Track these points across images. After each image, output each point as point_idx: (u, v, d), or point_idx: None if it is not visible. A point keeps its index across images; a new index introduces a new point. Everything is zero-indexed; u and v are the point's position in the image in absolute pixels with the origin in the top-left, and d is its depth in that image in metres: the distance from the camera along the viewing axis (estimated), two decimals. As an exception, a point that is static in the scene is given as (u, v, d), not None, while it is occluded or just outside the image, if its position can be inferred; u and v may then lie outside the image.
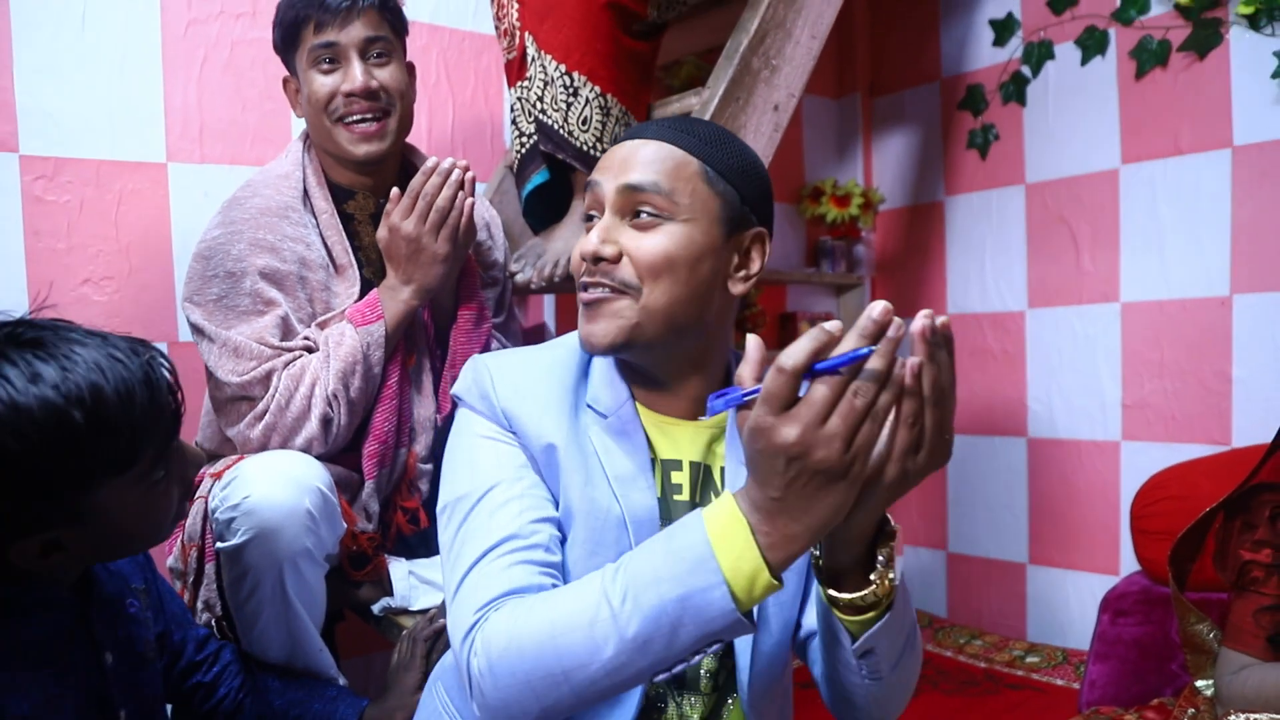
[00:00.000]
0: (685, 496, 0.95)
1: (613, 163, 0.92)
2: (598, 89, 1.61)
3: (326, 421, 1.33)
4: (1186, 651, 1.50)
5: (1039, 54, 2.42)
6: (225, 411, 1.36)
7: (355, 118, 1.41)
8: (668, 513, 0.94)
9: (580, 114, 1.61)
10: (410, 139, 1.92)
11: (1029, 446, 2.48)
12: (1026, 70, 2.45)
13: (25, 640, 0.88)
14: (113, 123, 1.78)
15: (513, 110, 1.71)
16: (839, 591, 0.79)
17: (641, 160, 0.90)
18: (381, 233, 1.38)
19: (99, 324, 1.75)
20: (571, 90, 1.60)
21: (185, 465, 0.94)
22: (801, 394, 0.65)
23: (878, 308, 0.64)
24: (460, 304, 1.47)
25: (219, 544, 1.18)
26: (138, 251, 1.80)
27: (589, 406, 0.94)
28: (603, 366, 0.96)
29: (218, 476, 1.25)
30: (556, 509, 0.91)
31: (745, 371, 0.70)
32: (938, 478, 2.70)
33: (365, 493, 1.40)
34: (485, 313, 1.49)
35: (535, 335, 1.87)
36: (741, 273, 0.93)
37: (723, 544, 0.68)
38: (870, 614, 0.79)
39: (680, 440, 0.96)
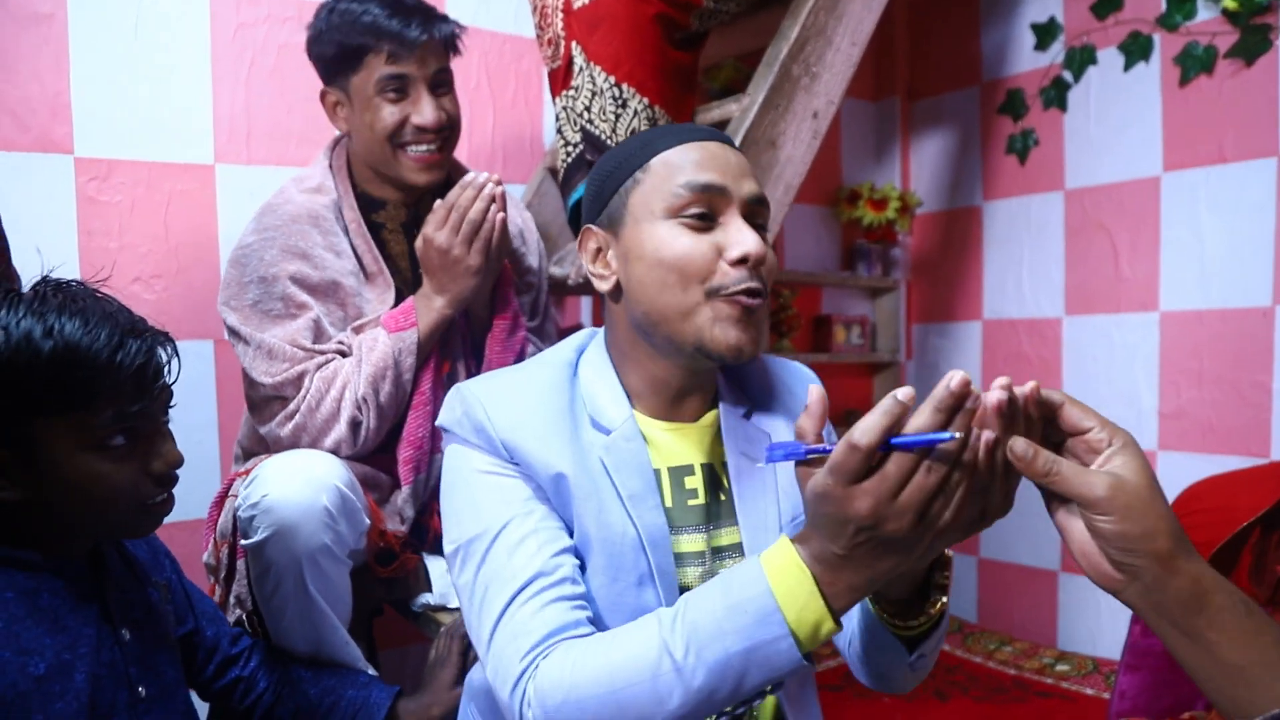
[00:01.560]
0: (701, 500, 0.95)
1: (726, 165, 0.91)
2: (646, 100, 1.63)
3: (355, 424, 1.36)
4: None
5: (1081, 59, 2.40)
6: (259, 410, 1.40)
7: (422, 148, 1.44)
8: (677, 521, 0.94)
9: (629, 125, 1.63)
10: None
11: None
12: (1068, 75, 2.43)
13: (40, 606, 0.91)
14: (163, 125, 1.82)
15: (558, 119, 1.73)
16: (896, 619, 0.82)
17: (747, 170, 0.92)
18: (418, 244, 1.41)
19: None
20: (620, 102, 1.62)
21: (154, 453, 0.94)
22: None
23: (956, 378, 0.62)
24: (495, 313, 1.49)
25: (243, 541, 1.22)
26: (186, 251, 1.85)
27: (593, 424, 0.93)
28: (600, 379, 0.96)
29: (245, 475, 1.29)
30: (571, 537, 0.89)
31: (806, 425, 0.71)
32: (970, 483, 2.69)
33: (401, 498, 1.43)
34: (520, 321, 1.52)
35: (572, 336, 1.89)
36: None
37: (787, 597, 0.69)
38: (924, 628, 0.82)
39: (689, 443, 0.96)
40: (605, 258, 0.96)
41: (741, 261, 0.88)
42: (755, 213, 0.91)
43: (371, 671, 1.35)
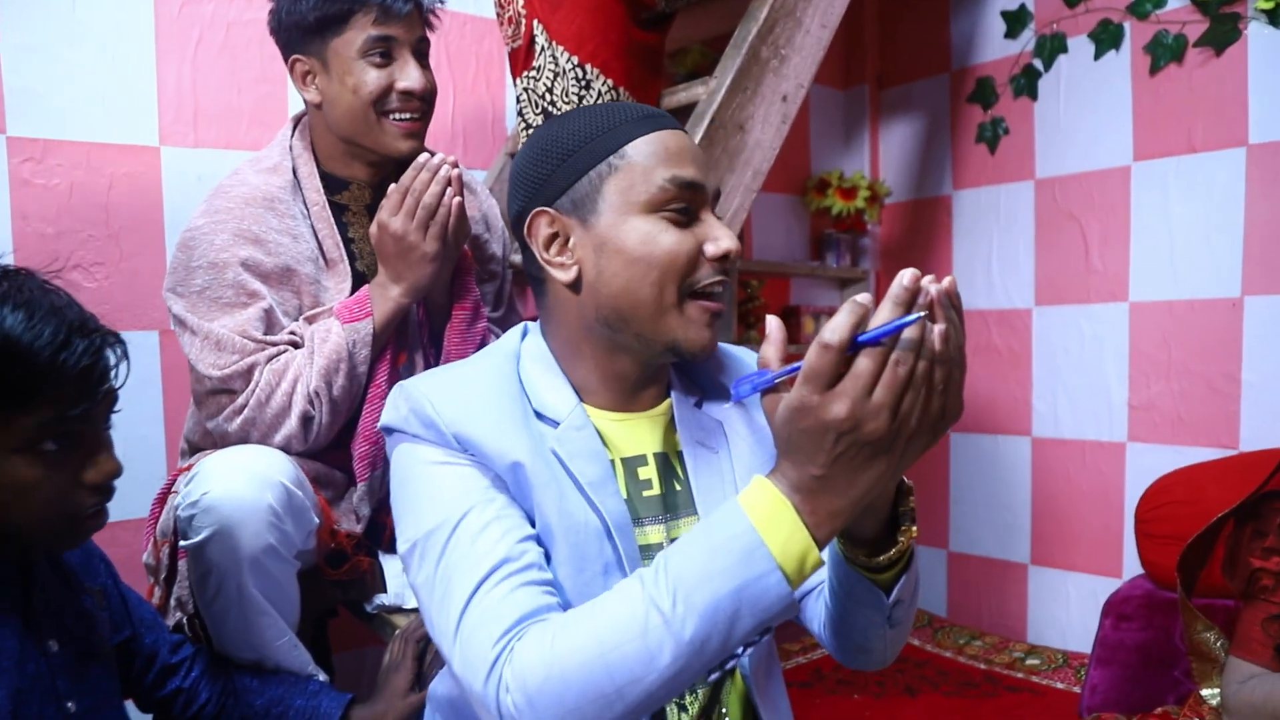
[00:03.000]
0: (656, 490, 0.93)
1: (696, 158, 0.90)
2: (610, 82, 1.57)
3: (307, 419, 1.30)
4: (1192, 659, 1.48)
5: (1051, 47, 2.37)
6: (205, 404, 1.33)
7: (406, 115, 1.38)
8: (635, 513, 0.91)
9: None
10: (410, 125, 1.88)
11: (1033, 446, 2.45)
12: (1038, 63, 2.41)
13: None
14: (104, 104, 1.73)
15: (519, 101, 1.67)
16: (871, 555, 0.80)
17: (707, 165, 0.94)
18: (372, 229, 1.34)
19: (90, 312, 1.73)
20: (584, 83, 1.56)
21: (90, 461, 0.89)
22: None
23: (908, 275, 0.64)
24: (455, 302, 1.43)
25: (182, 541, 1.15)
26: (129, 237, 1.77)
27: (539, 416, 0.90)
28: (543, 372, 0.93)
29: (186, 471, 1.22)
30: (533, 527, 0.86)
31: (770, 352, 0.70)
32: (939, 476, 2.67)
33: (356, 495, 1.37)
34: (481, 310, 1.46)
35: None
36: None
37: (770, 529, 0.67)
38: (896, 568, 0.81)
39: (641, 433, 0.94)
40: (566, 245, 0.91)
41: (722, 258, 0.88)
42: (713, 204, 0.92)
43: (322, 677, 1.29)
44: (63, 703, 0.95)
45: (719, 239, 0.88)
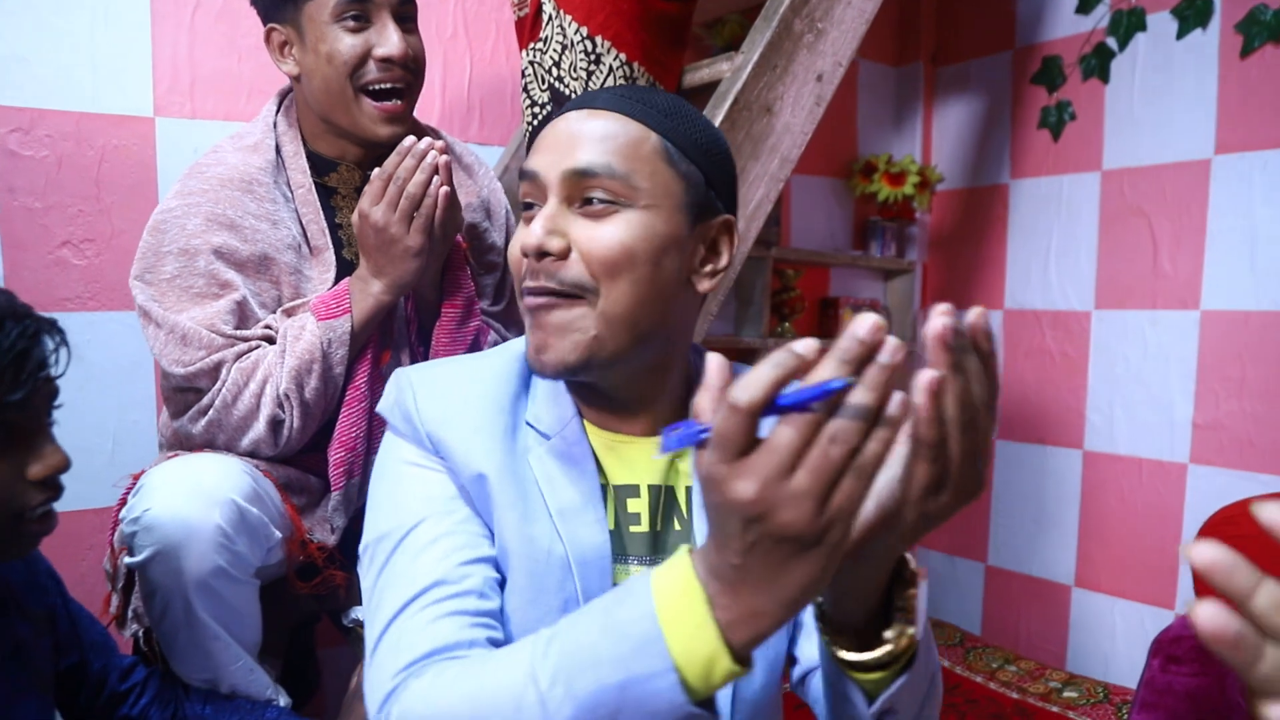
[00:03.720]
0: (644, 527, 0.83)
1: (556, 141, 0.79)
2: (623, 56, 1.43)
3: (276, 423, 1.20)
4: (1253, 713, 1.32)
5: (1128, 24, 2.15)
6: (172, 401, 1.24)
7: (385, 86, 1.26)
8: (622, 548, 0.82)
9: (602, 84, 1.43)
10: (425, 97, 1.76)
11: (1084, 460, 2.27)
12: (1112, 42, 2.19)
13: None
14: (96, 72, 1.64)
15: (524, 75, 1.53)
16: (848, 651, 0.65)
17: (591, 136, 0.77)
18: (354, 219, 1.23)
19: (77, 290, 1.65)
20: (593, 57, 1.42)
21: (33, 454, 0.84)
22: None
23: (865, 324, 0.49)
24: (444, 299, 1.31)
25: (126, 559, 1.06)
26: (120, 213, 1.68)
27: (529, 426, 0.82)
28: (548, 383, 0.85)
29: (138, 478, 1.13)
30: (493, 546, 0.79)
31: (704, 400, 0.54)
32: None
33: (331, 504, 1.27)
34: (474, 309, 1.34)
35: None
36: (708, 267, 0.82)
37: (673, 621, 0.54)
38: (888, 671, 0.66)
39: (636, 461, 0.84)
40: None
41: (526, 256, 0.80)
42: (586, 186, 0.77)
43: (283, 702, 1.20)
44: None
45: (520, 237, 0.79)
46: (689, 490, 0.84)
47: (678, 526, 0.84)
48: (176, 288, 1.21)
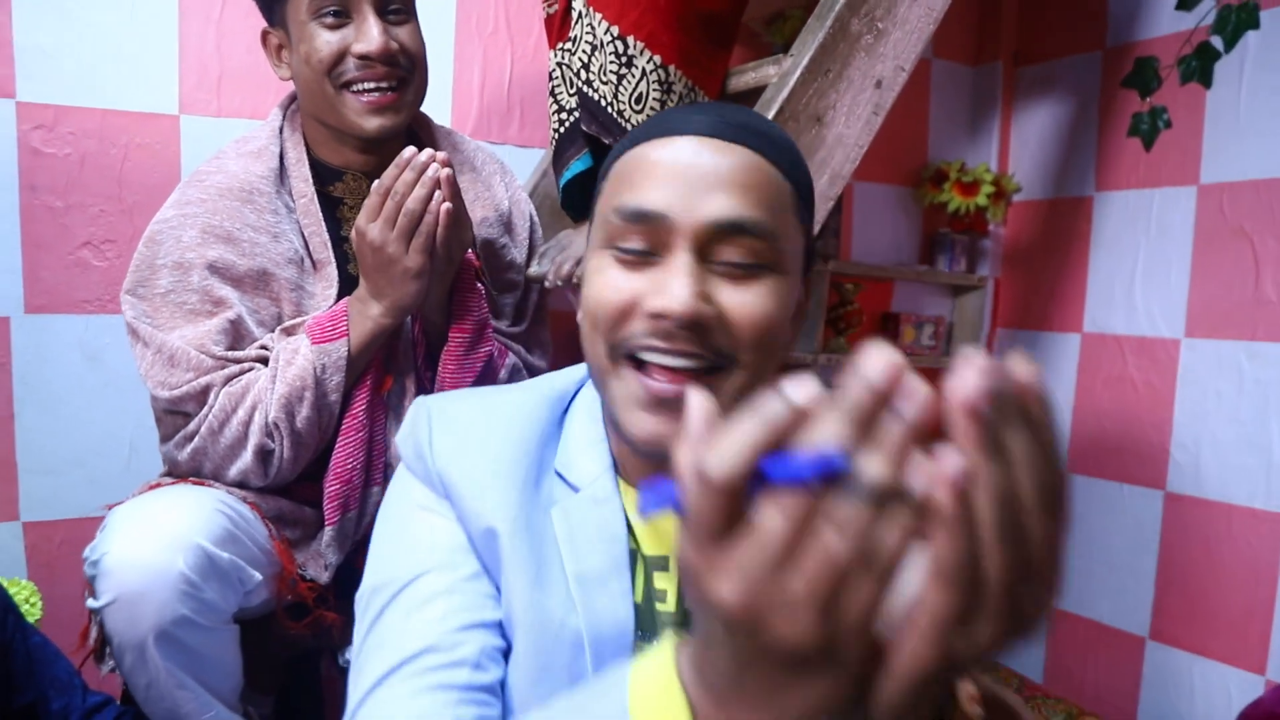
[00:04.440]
0: (670, 606, 0.73)
1: (681, 176, 0.66)
2: (657, 59, 1.30)
3: (265, 454, 1.12)
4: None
5: (1238, 20, 1.93)
6: (162, 424, 1.18)
7: (368, 85, 1.17)
8: (651, 624, 0.72)
9: (634, 90, 1.32)
10: (462, 96, 1.68)
11: (1165, 501, 2.07)
12: (1217, 42, 1.97)
13: None
14: (121, 68, 1.60)
15: (552, 77, 1.42)
16: None
17: (733, 180, 0.66)
18: (352, 236, 1.14)
19: (97, 292, 1.61)
20: (624, 59, 1.30)
21: None
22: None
23: (877, 363, 0.35)
24: (452, 322, 1.22)
25: (89, 602, 0.99)
26: (143, 213, 1.63)
27: (558, 475, 0.74)
28: (583, 422, 0.76)
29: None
30: (500, 607, 0.71)
31: (682, 455, 0.39)
32: (1050, 519, 2.31)
33: (324, 540, 1.19)
34: (485, 334, 1.24)
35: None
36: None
37: None
38: None
39: (669, 529, 0.73)
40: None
41: (660, 317, 0.65)
42: (733, 244, 0.66)
43: (263, 750, 1.13)
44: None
45: (662, 291, 0.65)
46: None
47: None
48: (170, 303, 1.15)
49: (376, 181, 1.12)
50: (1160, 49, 2.08)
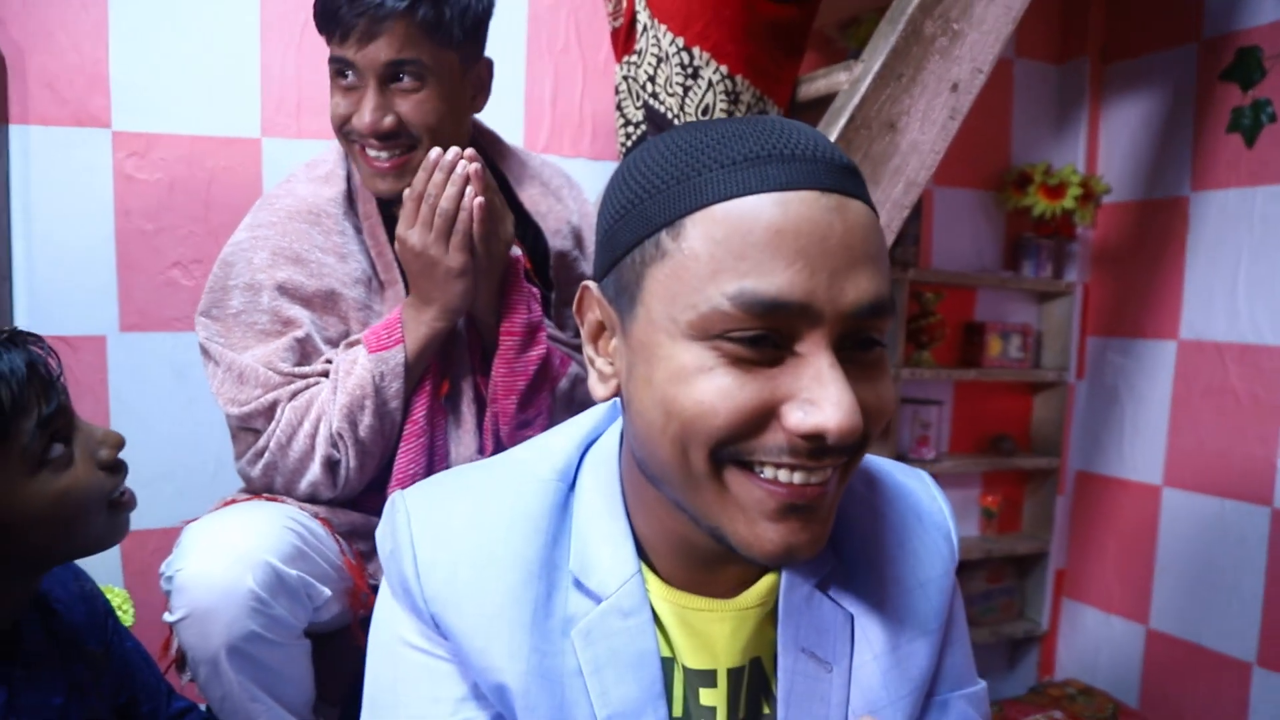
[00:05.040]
0: None
1: (818, 251, 0.52)
2: (724, 69, 1.29)
3: (332, 464, 1.14)
4: None
5: (1346, 9, 1.82)
6: (236, 441, 1.21)
7: (373, 150, 1.19)
8: None
9: (700, 101, 1.31)
10: (533, 113, 1.68)
11: (1273, 518, 1.95)
12: (1325, 31, 1.86)
13: None
14: (206, 96, 1.66)
15: (618, 91, 1.42)
16: None
17: (866, 251, 0.54)
18: (397, 244, 1.16)
19: (186, 310, 1.67)
20: (690, 70, 1.29)
21: (94, 443, 0.89)
22: None
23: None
24: (501, 323, 1.21)
25: (165, 616, 1.02)
26: (228, 234, 1.63)
27: (577, 585, 0.63)
28: (601, 516, 0.65)
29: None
30: None
31: None
32: (1144, 533, 2.20)
33: None
34: (538, 335, 1.22)
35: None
36: None
37: None
38: None
39: (715, 638, 0.64)
40: (608, 345, 0.62)
41: (813, 438, 0.52)
42: (866, 328, 0.55)
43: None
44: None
45: (815, 403, 0.52)
46: (775, 661, 0.65)
47: (766, 710, 0.66)
48: (242, 324, 1.18)
49: (408, 189, 1.13)
50: (1263, 38, 1.97)
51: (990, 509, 2.35)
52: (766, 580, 0.65)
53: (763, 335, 0.52)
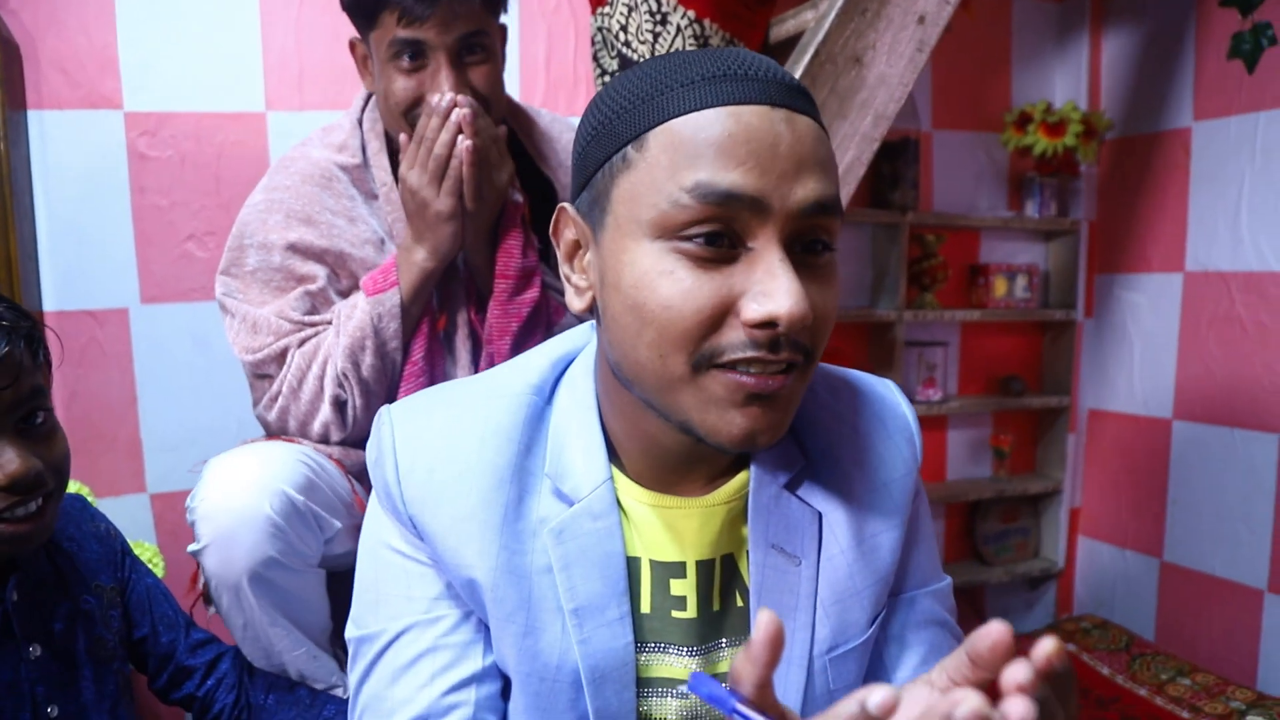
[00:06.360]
0: (691, 612, 0.70)
1: (769, 154, 0.58)
2: (691, 14, 1.33)
3: (340, 404, 1.22)
4: None
5: (1344, -76, 1.78)
6: (253, 388, 1.29)
7: None
8: (657, 636, 0.69)
9: (670, 47, 1.34)
10: (526, 74, 1.71)
11: (1283, 446, 1.94)
12: (1322, -52, 1.83)
13: None
14: (213, 73, 1.73)
15: (594, 43, 1.46)
16: None
17: (813, 155, 0.60)
18: (399, 186, 1.22)
19: (202, 280, 1.76)
20: (659, 17, 1.33)
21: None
22: None
23: (990, 638, 0.43)
24: (496, 269, 1.26)
25: (189, 546, 1.10)
26: (238, 205, 1.71)
27: (554, 491, 0.68)
28: (576, 423, 0.70)
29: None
30: (491, 650, 0.70)
31: (745, 670, 0.46)
32: (1156, 467, 2.20)
33: None
34: (533, 279, 1.26)
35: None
36: None
37: None
38: None
39: (684, 532, 0.70)
40: (583, 260, 0.67)
41: (766, 325, 0.58)
42: (815, 228, 0.60)
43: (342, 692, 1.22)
44: (42, 709, 0.94)
45: (768, 294, 0.57)
46: (748, 557, 0.70)
47: (739, 603, 0.71)
48: (257, 280, 1.25)
49: (414, 130, 1.19)
50: (1259, -39, 1.94)
51: (1002, 449, 2.37)
52: (736, 480, 0.71)
53: (718, 233, 0.58)
